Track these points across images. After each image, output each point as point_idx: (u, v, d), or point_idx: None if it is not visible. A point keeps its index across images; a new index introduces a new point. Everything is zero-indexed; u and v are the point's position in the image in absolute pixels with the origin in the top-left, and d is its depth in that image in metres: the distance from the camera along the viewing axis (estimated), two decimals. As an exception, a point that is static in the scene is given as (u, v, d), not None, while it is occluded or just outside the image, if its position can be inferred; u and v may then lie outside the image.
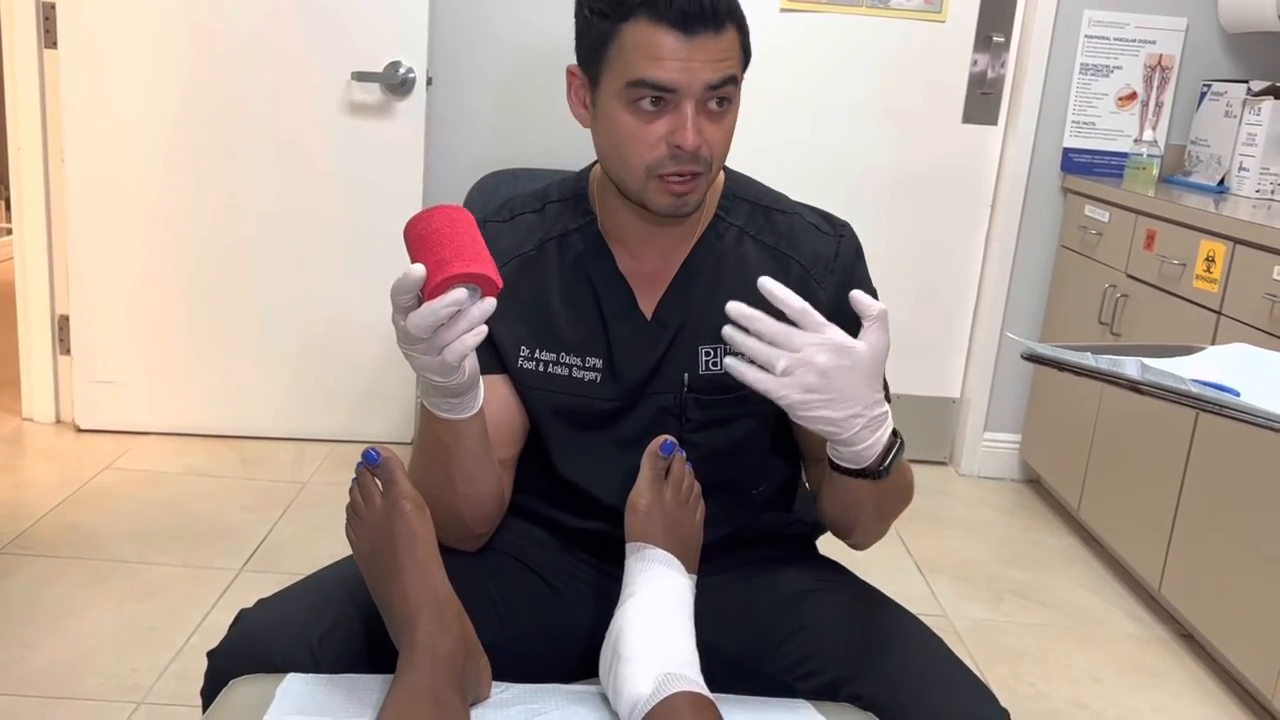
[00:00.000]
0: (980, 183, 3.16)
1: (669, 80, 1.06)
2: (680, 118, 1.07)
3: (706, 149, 1.10)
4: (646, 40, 1.06)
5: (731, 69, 1.08)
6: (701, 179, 1.12)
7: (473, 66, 3.00)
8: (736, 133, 1.15)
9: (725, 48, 1.07)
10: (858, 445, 1.03)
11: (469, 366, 1.02)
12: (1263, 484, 2.04)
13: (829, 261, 1.21)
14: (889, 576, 2.51)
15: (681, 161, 1.09)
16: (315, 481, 2.83)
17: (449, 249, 0.94)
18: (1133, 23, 3.00)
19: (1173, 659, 2.31)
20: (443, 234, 0.95)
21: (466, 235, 0.96)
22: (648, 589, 1.07)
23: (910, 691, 1.06)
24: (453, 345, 0.96)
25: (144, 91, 2.84)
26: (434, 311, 0.93)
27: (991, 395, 3.23)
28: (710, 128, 1.10)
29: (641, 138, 1.09)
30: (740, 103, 1.14)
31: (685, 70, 1.06)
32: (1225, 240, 2.24)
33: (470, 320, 0.96)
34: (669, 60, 1.05)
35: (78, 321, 2.97)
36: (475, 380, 1.05)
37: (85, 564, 2.31)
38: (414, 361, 0.99)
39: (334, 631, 1.07)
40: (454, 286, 0.94)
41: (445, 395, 1.04)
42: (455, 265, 0.93)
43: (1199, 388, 0.92)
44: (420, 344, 0.96)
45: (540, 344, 1.20)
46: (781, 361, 0.97)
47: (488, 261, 0.96)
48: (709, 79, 1.06)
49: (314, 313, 3.00)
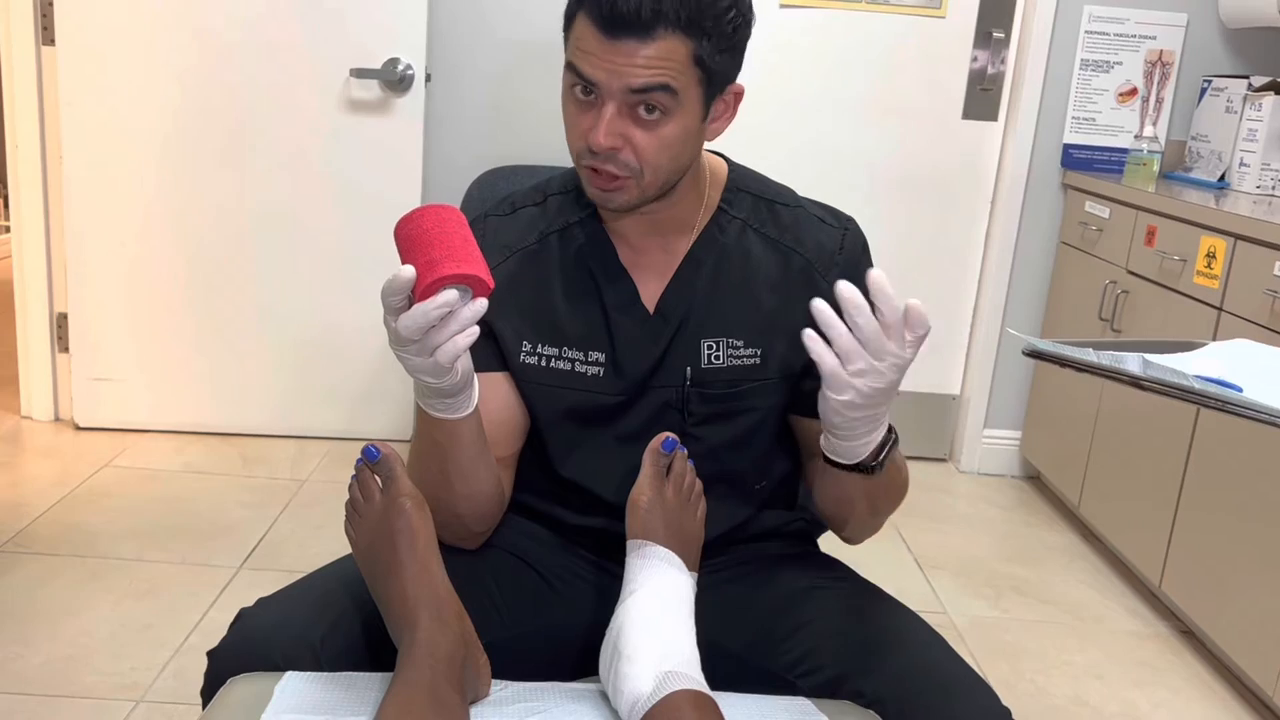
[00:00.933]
0: (980, 179, 3.15)
1: (589, 74, 1.07)
2: (598, 116, 1.07)
3: (629, 153, 1.08)
4: (581, 33, 1.07)
5: (661, 78, 1.05)
6: (629, 184, 1.10)
7: (471, 63, 3.00)
8: (737, 128, 1.14)
9: (655, 56, 1.04)
10: (855, 441, 1.02)
11: (462, 367, 1.01)
12: (1263, 480, 2.04)
13: (833, 254, 1.21)
14: (889, 573, 2.52)
15: (597, 159, 1.09)
16: (314, 479, 2.83)
17: (439, 249, 0.93)
18: (1133, 18, 2.99)
19: (1173, 655, 2.30)
20: (433, 234, 0.94)
21: (457, 235, 0.95)
22: (648, 586, 1.06)
23: (911, 689, 1.05)
24: (444, 347, 0.95)
25: (142, 89, 2.84)
26: (425, 313, 0.93)
27: (992, 392, 3.23)
28: (639, 133, 1.08)
29: (574, 124, 1.11)
30: (700, 116, 1.11)
31: (605, 68, 1.05)
32: (1226, 236, 2.23)
33: (462, 321, 0.95)
34: (592, 55, 1.06)
35: (76, 319, 2.96)
36: (469, 380, 1.05)
37: (84, 562, 2.31)
38: (406, 363, 0.99)
39: (335, 631, 1.07)
40: (445, 288, 0.93)
41: (439, 396, 1.04)
42: (445, 266, 0.93)
43: (1201, 383, 0.91)
44: (412, 346, 0.96)
45: (542, 339, 1.20)
46: (860, 362, 0.95)
47: (479, 262, 0.95)
48: (629, 83, 1.05)
49: (313, 309, 2.99)
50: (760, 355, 1.19)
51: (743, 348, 1.19)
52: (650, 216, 1.18)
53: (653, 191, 1.13)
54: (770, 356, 1.19)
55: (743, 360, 1.19)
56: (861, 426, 1.01)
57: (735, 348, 1.19)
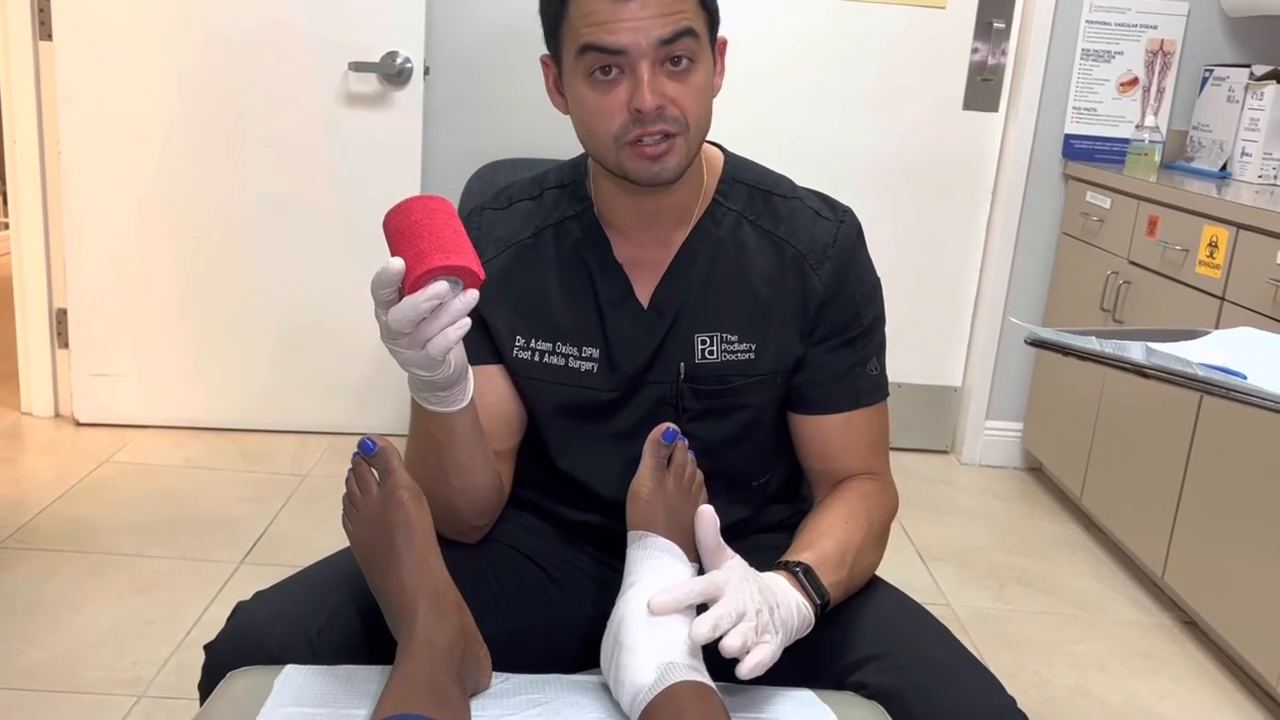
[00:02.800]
0: (981, 170, 3.15)
1: (614, 42, 1.04)
2: (636, 80, 1.05)
3: (674, 108, 1.06)
4: (589, 8, 1.04)
5: (683, 22, 1.04)
6: (678, 140, 1.08)
7: (470, 56, 2.99)
8: (738, 120, 1.13)
9: (671, 0, 1.03)
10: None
11: (455, 359, 1.00)
12: (1266, 470, 2.03)
13: (827, 248, 1.19)
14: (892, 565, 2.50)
15: (646, 124, 1.06)
16: (315, 473, 2.82)
17: (428, 241, 0.92)
18: (1134, 8, 2.98)
19: (1176, 646, 2.30)
20: (421, 226, 0.93)
21: (446, 227, 0.94)
22: (649, 578, 1.06)
23: (915, 681, 1.05)
24: (436, 339, 0.94)
25: (140, 83, 2.83)
26: (414, 306, 0.92)
27: (993, 383, 3.22)
28: (674, 86, 1.06)
29: (603, 108, 1.07)
30: (713, 63, 1.11)
31: (630, 29, 1.03)
32: (1228, 225, 2.22)
33: (452, 313, 0.94)
34: (611, 22, 1.03)
35: (75, 315, 2.96)
36: (463, 373, 1.04)
37: (84, 557, 2.30)
38: (398, 356, 0.98)
39: (332, 623, 1.07)
40: (435, 279, 0.92)
41: (433, 389, 1.03)
42: (435, 258, 0.92)
43: (1205, 371, 0.91)
44: (403, 339, 0.95)
45: (536, 333, 1.19)
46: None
47: (469, 253, 0.94)
48: (658, 34, 1.03)
49: (313, 303, 2.98)
50: (754, 350, 1.18)
51: (737, 342, 1.17)
52: (649, 207, 1.17)
53: (696, 149, 1.12)
54: (764, 351, 1.18)
55: (737, 355, 1.18)
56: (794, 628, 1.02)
57: (729, 342, 1.18)
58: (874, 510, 1.19)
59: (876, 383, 1.22)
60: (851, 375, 1.20)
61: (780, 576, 1.04)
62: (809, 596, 1.04)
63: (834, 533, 1.13)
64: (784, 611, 1.00)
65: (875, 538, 1.18)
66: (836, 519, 1.15)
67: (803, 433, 1.22)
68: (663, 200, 1.16)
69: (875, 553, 1.18)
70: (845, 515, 1.16)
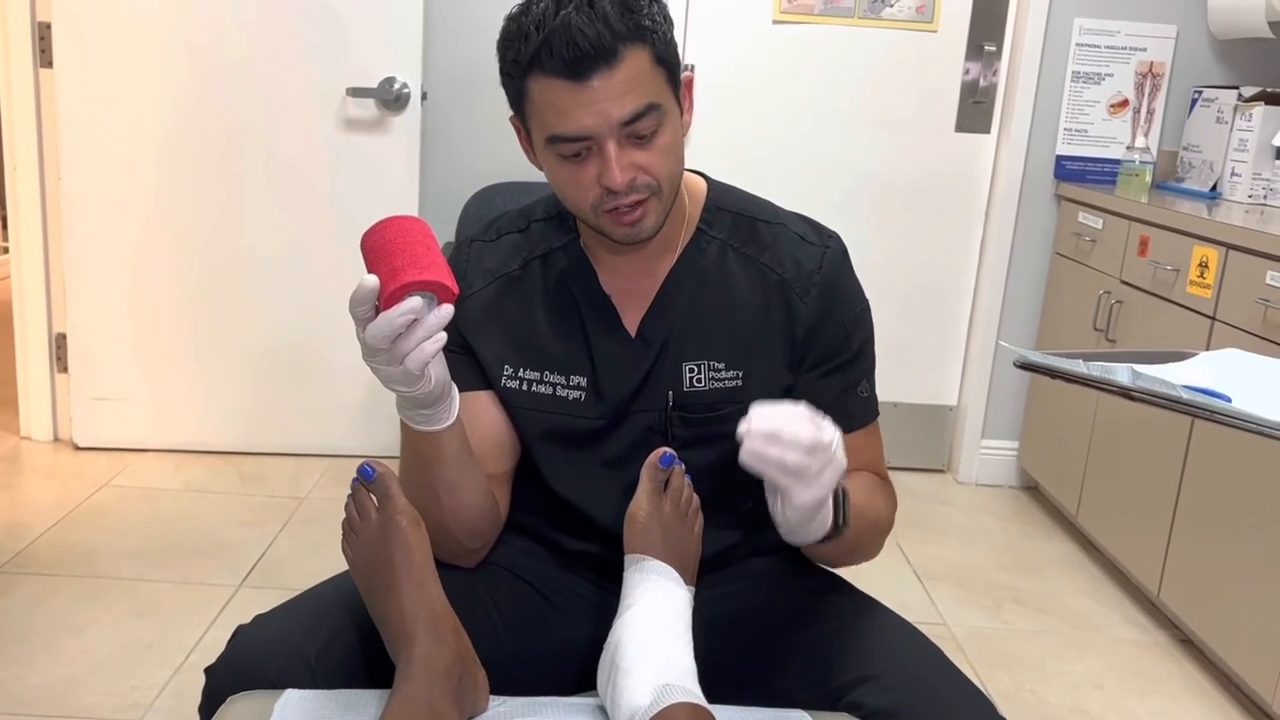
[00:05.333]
0: (974, 191, 3.17)
1: (577, 130, 1.05)
2: (605, 160, 1.06)
3: (644, 175, 1.08)
4: (548, 96, 1.05)
5: (642, 98, 1.05)
6: (650, 202, 1.10)
7: (467, 81, 3.01)
8: (731, 142, 1.14)
9: (628, 78, 1.03)
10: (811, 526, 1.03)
11: (435, 376, 1.02)
12: (1260, 488, 2.05)
13: (812, 273, 1.19)
14: (888, 585, 2.52)
15: (619, 197, 1.08)
16: (314, 496, 2.83)
17: (401, 258, 0.94)
18: (1123, 30, 3.01)
19: (1172, 664, 2.30)
20: (395, 244, 0.95)
21: (420, 243, 0.96)
22: (646, 600, 1.07)
23: (909, 702, 1.05)
24: (413, 354, 0.96)
25: (140, 109, 2.85)
26: (390, 321, 0.94)
27: (989, 402, 3.23)
28: (642, 155, 1.07)
29: (576, 183, 1.09)
30: (679, 114, 1.11)
31: (591, 114, 1.03)
32: (1218, 246, 2.24)
33: (428, 328, 0.96)
34: (571, 110, 1.04)
35: (75, 339, 2.97)
36: (445, 391, 1.06)
37: (83, 582, 2.31)
38: (379, 374, 1.00)
39: (331, 647, 1.07)
40: (409, 295, 0.94)
41: (417, 407, 1.05)
42: (408, 273, 0.94)
43: (1190, 394, 0.92)
44: (381, 355, 0.97)
45: (524, 363, 1.20)
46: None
47: (442, 268, 0.96)
48: (619, 116, 1.04)
49: (310, 326, 3.00)
50: (742, 377, 1.18)
51: (724, 370, 1.18)
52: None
53: (671, 201, 1.13)
54: (752, 378, 1.19)
55: (724, 383, 1.18)
56: (817, 519, 1.02)
57: (716, 370, 1.18)
58: (887, 491, 1.24)
59: (867, 404, 1.24)
60: (842, 400, 1.21)
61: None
62: (835, 513, 1.05)
63: (859, 484, 1.17)
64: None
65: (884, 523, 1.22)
66: (861, 479, 1.20)
67: None
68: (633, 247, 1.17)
69: (878, 538, 1.21)
70: (867, 485, 1.20)
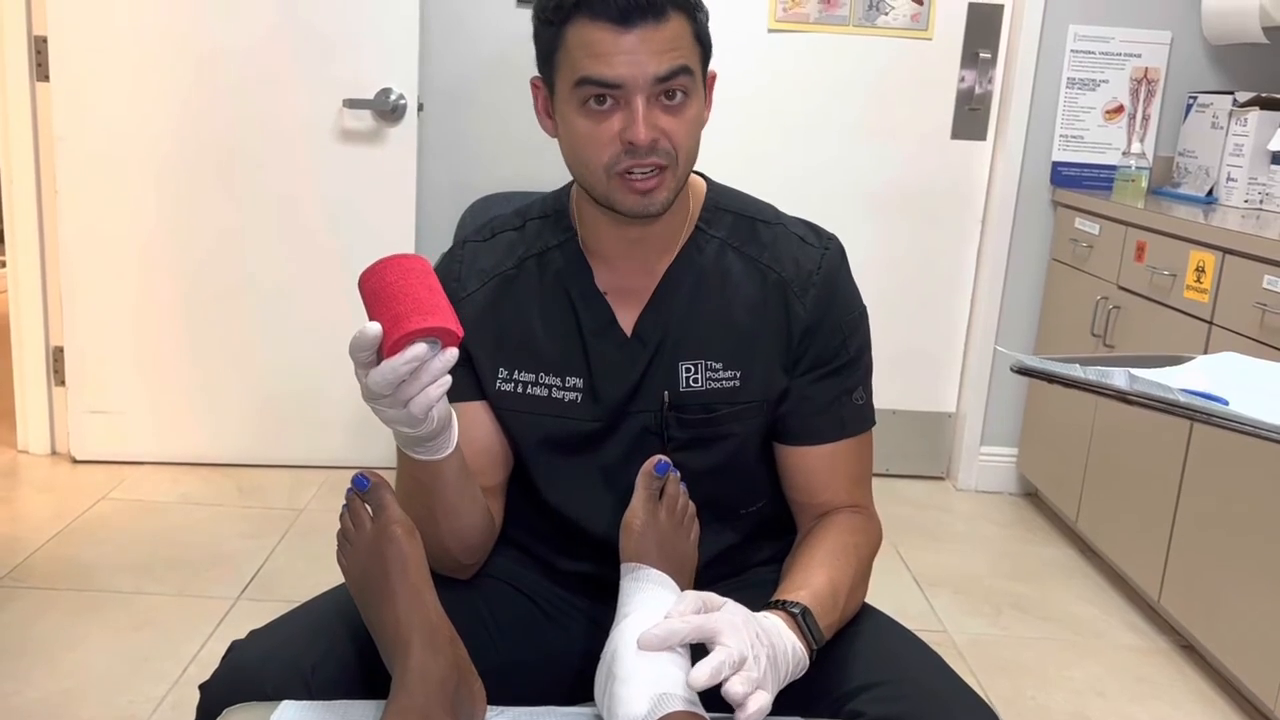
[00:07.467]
0: (970, 198, 3.17)
1: (612, 76, 1.04)
2: (631, 113, 1.05)
3: (666, 141, 1.07)
4: (588, 38, 1.04)
5: (679, 59, 1.05)
6: (667, 174, 1.09)
7: (463, 92, 3.02)
8: (727, 150, 1.14)
9: (670, 38, 1.04)
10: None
11: (438, 414, 1.00)
12: (1260, 493, 2.04)
13: (811, 274, 1.19)
14: (888, 592, 2.50)
15: (638, 156, 1.06)
16: (312, 508, 2.82)
17: (404, 303, 0.92)
18: (1118, 37, 3.02)
19: (1173, 670, 2.30)
20: (396, 287, 0.93)
21: (422, 285, 0.94)
22: (642, 609, 1.06)
23: (911, 710, 1.04)
24: (417, 399, 0.95)
25: (136, 122, 2.85)
26: (394, 369, 0.92)
27: (987, 409, 3.23)
28: (667, 120, 1.07)
29: (595, 137, 1.07)
30: (704, 97, 1.12)
31: (628, 64, 1.04)
32: (1215, 250, 2.24)
33: (432, 373, 0.94)
34: (610, 55, 1.04)
35: (72, 352, 2.97)
36: (447, 423, 1.04)
37: (80, 595, 2.30)
38: (380, 415, 0.98)
39: (327, 659, 1.07)
40: (413, 342, 0.92)
41: (417, 442, 1.04)
42: (413, 320, 0.91)
43: (1187, 397, 0.92)
44: (384, 399, 0.95)
45: (519, 364, 1.19)
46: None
47: (446, 311, 0.94)
48: (655, 71, 1.04)
49: (308, 339, 3.00)
50: (739, 378, 1.18)
51: (721, 370, 1.17)
52: (633, 235, 1.17)
53: (683, 181, 1.13)
54: (749, 379, 1.18)
55: (721, 383, 1.17)
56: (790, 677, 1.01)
57: (713, 370, 1.17)
58: (861, 547, 1.18)
59: (862, 412, 1.22)
60: (836, 405, 1.20)
61: (778, 619, 1.03)
62: (806, 640, 1.04)
63: (825, 571, 1.12)
64: (780, 656, 0.99)
65: (862, 575, 1.17)
66: (826, 555, 1.14)
67: (787, 463, 1.22)
68: (647, 229, 1.16)
69: (862, 590, 1.18)
70: (835, 551, 1.15)
